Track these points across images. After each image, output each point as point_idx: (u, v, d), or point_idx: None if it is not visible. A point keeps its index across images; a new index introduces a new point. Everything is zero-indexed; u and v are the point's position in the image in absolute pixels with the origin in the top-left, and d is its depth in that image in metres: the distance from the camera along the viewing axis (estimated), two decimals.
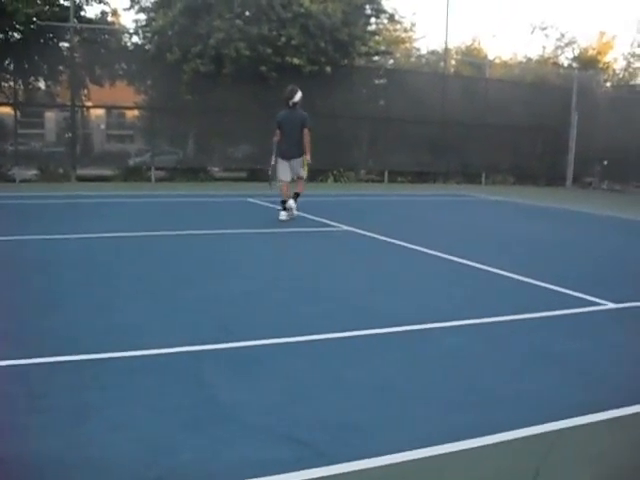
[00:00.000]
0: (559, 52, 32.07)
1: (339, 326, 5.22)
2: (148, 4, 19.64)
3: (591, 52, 31.24)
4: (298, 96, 11.26)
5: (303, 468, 3.02)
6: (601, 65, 30.31)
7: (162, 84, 19.12)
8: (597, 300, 6.43)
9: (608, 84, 28.27)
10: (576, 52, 31.68)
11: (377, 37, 21.95)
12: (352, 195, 16.63)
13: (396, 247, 9.19)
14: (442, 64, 25.82)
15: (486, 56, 31.76)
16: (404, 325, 5.33)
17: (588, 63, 29.67)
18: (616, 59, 31.28)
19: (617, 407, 3.86)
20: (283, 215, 11.24)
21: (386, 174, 21.34)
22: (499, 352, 4.85)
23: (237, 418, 3.55)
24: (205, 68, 17.97)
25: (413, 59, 29.29)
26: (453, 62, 29.24)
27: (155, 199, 14.49)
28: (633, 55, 29.96)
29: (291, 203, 11.27)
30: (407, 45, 31.10)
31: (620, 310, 6.22)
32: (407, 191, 18.38)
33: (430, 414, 3.71)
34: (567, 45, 31.89)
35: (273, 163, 11.46)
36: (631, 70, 29.60)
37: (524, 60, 31.75)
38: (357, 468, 3.06)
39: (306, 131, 11.19)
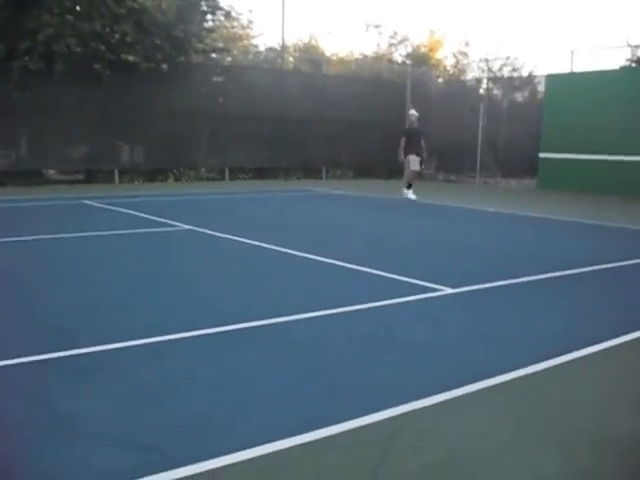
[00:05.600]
0: (393, 49, 33.18)
1: (185, 326, 5.17)
2: None
3: (423, 49, 32.46)
4: (415, 117, 16.52)
5: (151, 474, 2.97)
6: (433, 62, 31.54)
7: None
8: (436, 286, 6.72)
9: (440, 80, 29.40)
10: (409, 49, 32.86)
11: (213, 34, 21.83)
12: (193, 194, 16.47)
13: (238, 244, 9.19)
14: (280, 61, 26.01)
15: (323, 53, 32.34)
16: (252, 321, 5.37)
17: (420, 60, 30.81)
18: (446, 56, 32.68)
19: (458, 387, 4.06)
20: (409, 193, 16.10)
21: (227, 171, 21.25)
22: (346, 342, 4.98)
23: (82, 428, 3.45)
24: (35, 65, 17.18)
25: (251, 56, 29.33)
26: (291, 59, 29.52)
27: None
28: (461, 53, 31.42)
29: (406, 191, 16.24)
30: (245, 42, 31.09)
31: (457, 295, 6.53)
32: (248, 188, 18.40)
33: (280, 407, 3.76)
34: (400, 42, 33.06)
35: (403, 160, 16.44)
36: (460, 67, 30.98)
37: (360, 57, 32.55)
38: (206, 468, 3.05)
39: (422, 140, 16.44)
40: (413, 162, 16.27)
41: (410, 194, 16.09)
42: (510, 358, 4.70)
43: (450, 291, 6.60)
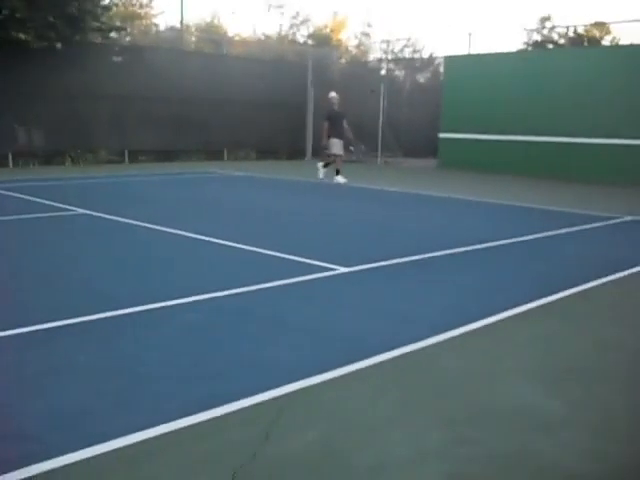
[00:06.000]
0: (295, 30, 33.10)
1: (71, 312, 5.06)
2: None
3: (325, 30, 32.54)
4: (335, 99, 16.43)
5: (30, 464, 2.90)
6: (335, 43, 31.66)
7: None
8: (330, 266, 6.78)
9: (343, 60, 29.52)
10: (311, 30, 32.86)
11: (110, 12, 21.26)
12: (91, 177, 16.06)
13: (134, 228, 9.03)
14: (181, 41, 25.61)
15: (225, 33, 32.01)
16: (141, 305, 5.30)
17: (323, 41, 30.87)
18: (349, 37, 32.88)
19: (342, 365, 4.12)
20: (341, 179, 15.73)
21: (127, 154, 20.81)
22: (236, 324, 4.96)
23: None
24: None
25: (151, 35, 28.78)
26: (193, 39, 29.09)
27: None
28: (363, 34, 31.67)
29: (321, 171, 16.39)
30: (145, 21, 30.51)
31: (350, 274, 6.59)
32: (149, 171, 18.07)
33: (166, 391, 3.73)
34: (302, 23, 33.01)
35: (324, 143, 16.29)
36: (363, 48, 31.21)
37: (263, 37, 32.37)
38: (86, 456, 3.00)
39: (345, 122, 16.14)
40: (335, 146, 16.04)
41: (340, 178, 15.76)
42: (397, 334, 4.77)
43: (343, 270, 6.65)
